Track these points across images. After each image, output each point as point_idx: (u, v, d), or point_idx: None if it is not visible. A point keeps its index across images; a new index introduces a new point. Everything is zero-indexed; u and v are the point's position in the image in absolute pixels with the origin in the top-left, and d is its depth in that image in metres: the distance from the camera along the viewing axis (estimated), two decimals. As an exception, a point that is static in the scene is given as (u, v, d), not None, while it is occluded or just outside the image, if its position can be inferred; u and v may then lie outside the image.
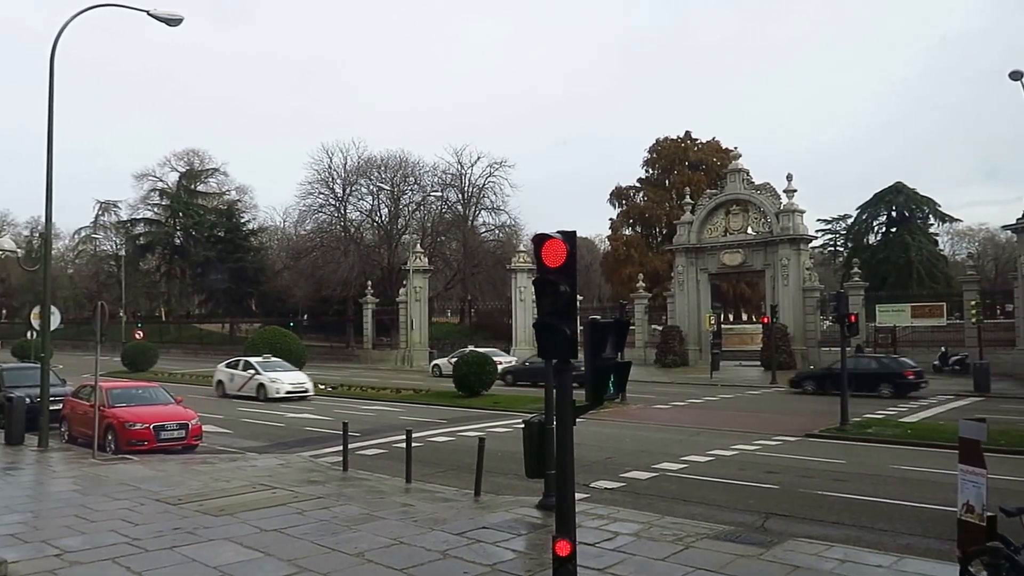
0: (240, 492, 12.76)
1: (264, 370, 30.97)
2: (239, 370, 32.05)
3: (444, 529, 10.43)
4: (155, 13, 17.71)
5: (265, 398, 29.46)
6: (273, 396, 29.41)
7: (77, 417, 19.12)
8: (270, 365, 31.81)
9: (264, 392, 29.80)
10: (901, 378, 29.17)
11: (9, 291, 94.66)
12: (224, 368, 33.34)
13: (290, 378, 30.88)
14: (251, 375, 30.99)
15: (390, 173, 71.15)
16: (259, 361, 32.32)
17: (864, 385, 28.16)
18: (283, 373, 31.21)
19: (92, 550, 9.37)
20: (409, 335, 55.37)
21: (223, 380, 32.62)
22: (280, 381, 30.23)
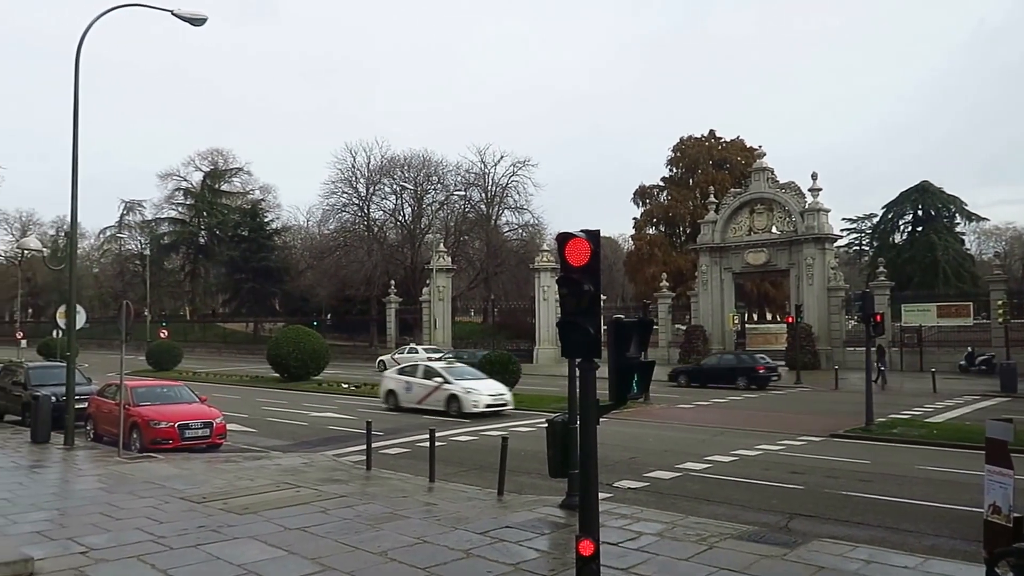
0: (264, 491, 12.82)
1: (454, 378, 25.38)
2: (418, 377, 26.25)
3: (467, 528, 10.41)
4: (179, 13, 17.85)
5: (459, 412, 23.94)
6: (470, 410, 23.93)
7: (102, 416, 19.29)
8: (458, 372, 26.25)
9: (458, 405, 24.21)
10: (754, 372, 33.42)
11: (35, 290, 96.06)
12: (396, 376, 27.62)
13: (487, 388, 25.16)
14: (437, 384, 25.26)
15: (413, 172, 71.42)
16: (445, 367, 26.93)
17: (722, 378, 33.76)
18: (476, 382, 25.62)
19: (117, 548, 9.44)
20: (432, 334, 55.52)
21: (395, 390, 26.68)
22: (477, 392, 24.55)
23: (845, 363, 39.90)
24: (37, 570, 8.36)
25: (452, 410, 24.21)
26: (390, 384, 27.21)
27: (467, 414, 23.66)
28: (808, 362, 39.66)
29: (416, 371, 26.75)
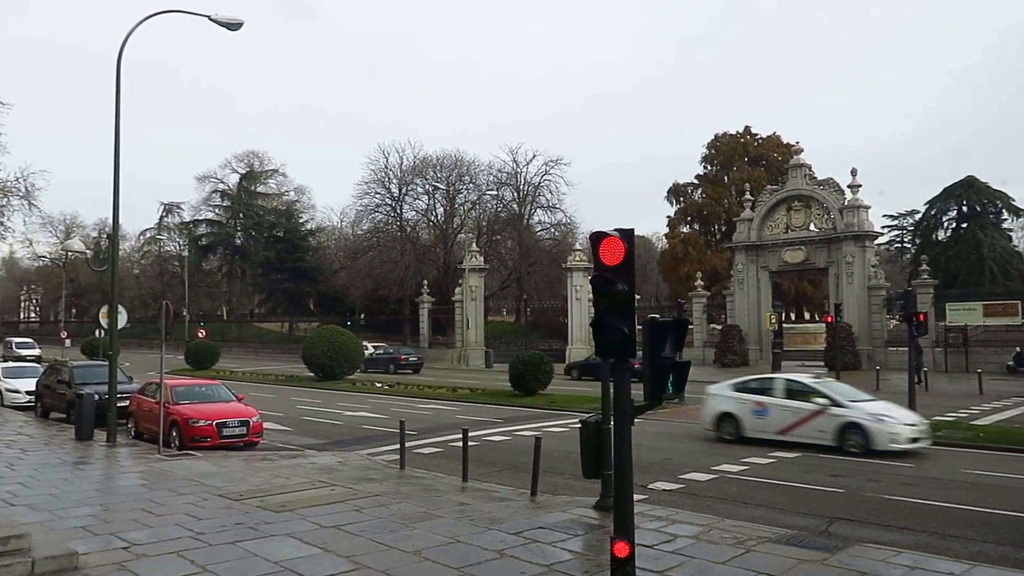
0: (300, 489, 12.93)
1: (846, 398, 17.78)
2: (778, 397, 18.43)
3: (501, 528, 10.39)
4: (216, 18, 18.09)
5: (867, 449, 16.56)
6: (884, 447, 16.50)
7: (143, 414, 19.62)
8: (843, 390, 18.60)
9: (863, 439, 16.70)
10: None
11: (79, 291, 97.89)
12: (733, 393, 19.57)
13: (899, 414, 17.59)
14: (820, 408, 17.47)
15: (445, 172, 71.68)
16: (819, 383, 19.03)
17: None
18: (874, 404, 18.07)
19: (158, 543, 9.57)
20: (465, 334, 55.65)
21: (735, 413, 18.95)
22: (893, 421, 16.96)
23: (887, 363, 39.16)
24: (81, 564, 8.51)
25: (851, 445, 16.80)
26: (726, 405, 19.37)
27: (876, 452, 16.44)
28: (848, 362, 39.00)
29: (773, 388, 18.96)
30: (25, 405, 25.81)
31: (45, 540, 8.94)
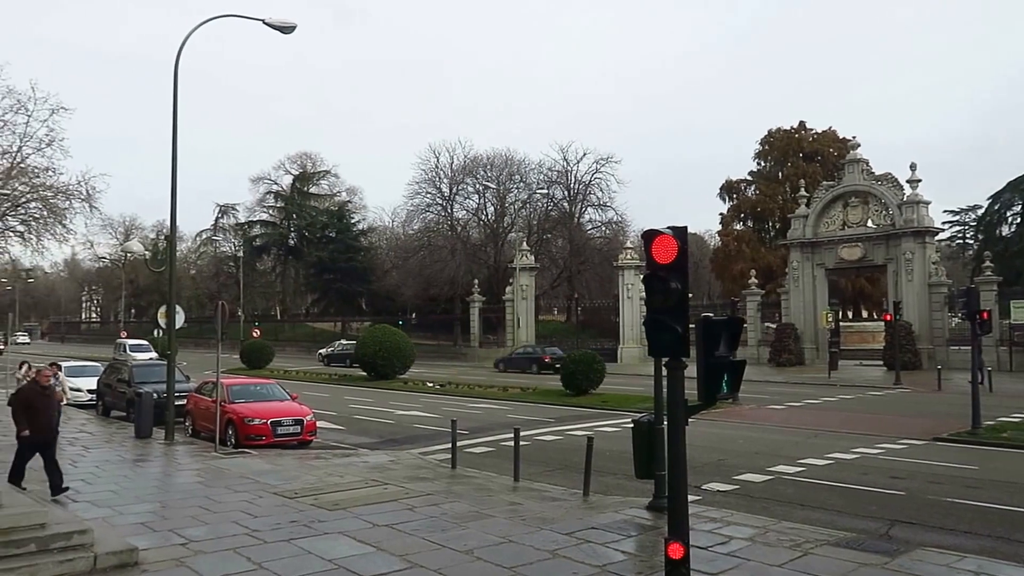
0: (353, 487, 13.04)
1: None
2: None
3: (553, 528, 10.33)
4: (270, 21, 18.39)
5: None
6: None
7: (200, 412, 19.99)
8: None
9: None
10: (542, 361, 44.46)
11: (138, 291, 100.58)
12: None
13: None
14: None
15: (496, 171, 71.75)
16: None
17: (521, 366, 45.16)
18: None
19: (215, 540, 9.74)
20: (516, 333, 55.65)
21: None
22: None
23: (949, 363, 38.03)
24: (141, 560, 8.69)
25: None
26: None
27: None
28: (909, 362, 37.99)
29: None
30: (87, 403, 26.57)
31: (107, 536, 9.16)
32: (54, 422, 12.49)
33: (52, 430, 12.38)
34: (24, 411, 12.08)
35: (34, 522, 8.32)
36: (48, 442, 12.23)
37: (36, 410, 12.06)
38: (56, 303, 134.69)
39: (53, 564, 7.91)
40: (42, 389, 12.39)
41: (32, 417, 12.01)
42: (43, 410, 12.18)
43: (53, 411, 12.50)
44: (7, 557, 7.78)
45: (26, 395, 12.41)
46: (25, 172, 46.69)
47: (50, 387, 12.71)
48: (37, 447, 12.13)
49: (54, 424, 12.49)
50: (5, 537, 7.91)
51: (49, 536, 8.23)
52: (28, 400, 12.21)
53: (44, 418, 12.15)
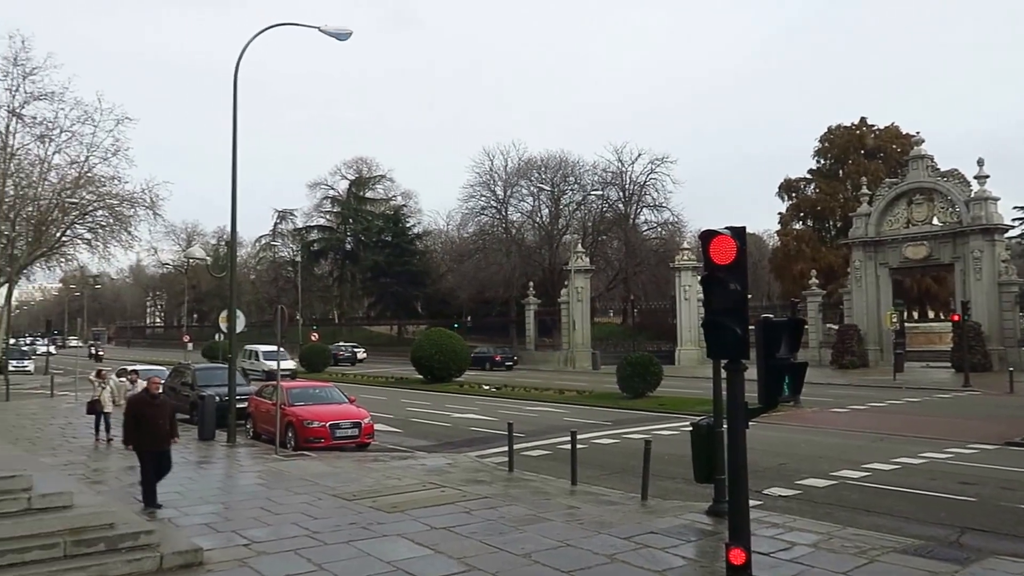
0: (410, 490, 13.11)
1: None
2: None
3: (611, 533, 10.23)
4: (326, 29, 18.65)
5: None
6: None
7: (260, 415, 20.31)
8: None
9: None
10: (493, 359, 52.60)
11: (200, 296, 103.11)
12: None
13: None
14: None
15: (550, 173, 71.67)
16: None
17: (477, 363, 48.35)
18: None
19: (276, 541, 9.89)
20: (571, 336, 55.47)
21: None
22: None
23: (1021, 364, 36.60)
24: (206, 560, 8.86)
25: None
26: None
27: None
28: (978, 363, 36.66)
29: None
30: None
31: (172, 536, 9.38)
32: (163, 432, 11.94)
33: (164, 440, 11.93)
34: (134, 422, 11.74)
35: (103, 522, 8.55)
36: (161, 452, 11.84)
37: (146, 420, 11.67)
38: (122, 308, 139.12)
39: (121, 563, 8.11)
40: (152, 398, 12.06)
41: (143, 427, 11.64)
42: (153, 420, 11.76)
43: (164, 420, 12.00)
44: (79, 556, 8.01)
45: (135, 405, 12.06)
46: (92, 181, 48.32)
47: (160, 396, 12.30)
48: (155, 457, 11.71)
49: (163, 434, 11.94)
50: (77, 536, 8.14)
51: (118, 536, 8.43)
52: (138, 410, 11.85)
53: (154, 428, 11.72)
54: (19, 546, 7.74)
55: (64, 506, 8.64)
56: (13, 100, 45.02)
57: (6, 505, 8.27)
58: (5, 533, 7.85)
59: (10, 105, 44.93)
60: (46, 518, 8.31)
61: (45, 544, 7.88)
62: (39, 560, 7.76)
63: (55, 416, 25.21)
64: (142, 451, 11.65)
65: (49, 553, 7.85)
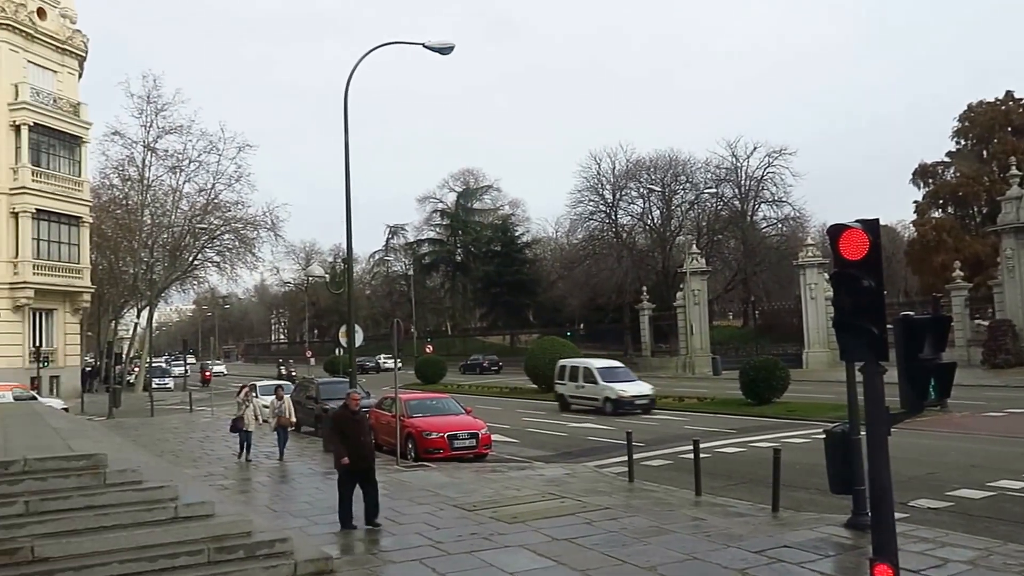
0: (530, 500, 13.01)
1: None
2: None
3: (740, 546, 9.79)
4: (430, 44, 18.94)
5: None
6: None
7: (380, 427, 20.53)
8: None
9: None
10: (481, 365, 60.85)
11: (319, 312, 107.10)
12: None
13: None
14: None
15: (660, 174, 70.42)
16: None
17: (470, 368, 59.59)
18: None
19: (401, 551, 9.98)
20: (689, 340, 54.21)
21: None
22: None
23: None
24: (336, 568, 9.03)
25: None
26: None
27: None
28: None
29: None
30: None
31: (304, 544, 9.60)
32: (366, 449, 11.45)
33: (365, 457, 11.36)
34: (340, 438, 11.29)
35: (242, 530, 8.90)
36: (364, 470, 11.30)
37: (346, 436, 11.22)
38: (249, 326, 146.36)
39: (259, 570, 8.42)
40: (352, 414, 11.53)
41: (344, 444, 11.20)
42: (354, 436, 11.24)
43: (365, 436, 11.53)
44: (221, 562, 8.38)
45: (336, 421, 11.56)
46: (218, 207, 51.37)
47: (360, 411, 11.76)
48: (355, 476, 11.23)
49: (365, 451, 11.42)
50: (219, 543, 8.52)
51: (255, 543, 8.75)
52: (338, 426, 11.40)
53: (355, 444, 11.20)
54: (170, 552, 8.20)
55: (207, 515, 9.05)
56: (147, 135, 48.46)
57: (157, 513, 8.77)
58: (157, 540, 8.32)
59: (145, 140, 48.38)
60: (191, 526, 8.74)
61: (192, 550, 8.30)
62: (187, 565, 8.18)
63: (194, 430, 26.58)
64: (342, 469, 11.20)
65: (195, 559, 8.27)
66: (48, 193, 38.79)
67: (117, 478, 9.14)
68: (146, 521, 8.60)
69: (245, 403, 19.28)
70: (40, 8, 40.24)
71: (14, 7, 38.37)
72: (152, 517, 8.70)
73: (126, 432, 25.21)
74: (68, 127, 40.64)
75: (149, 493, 9.08)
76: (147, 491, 9.10)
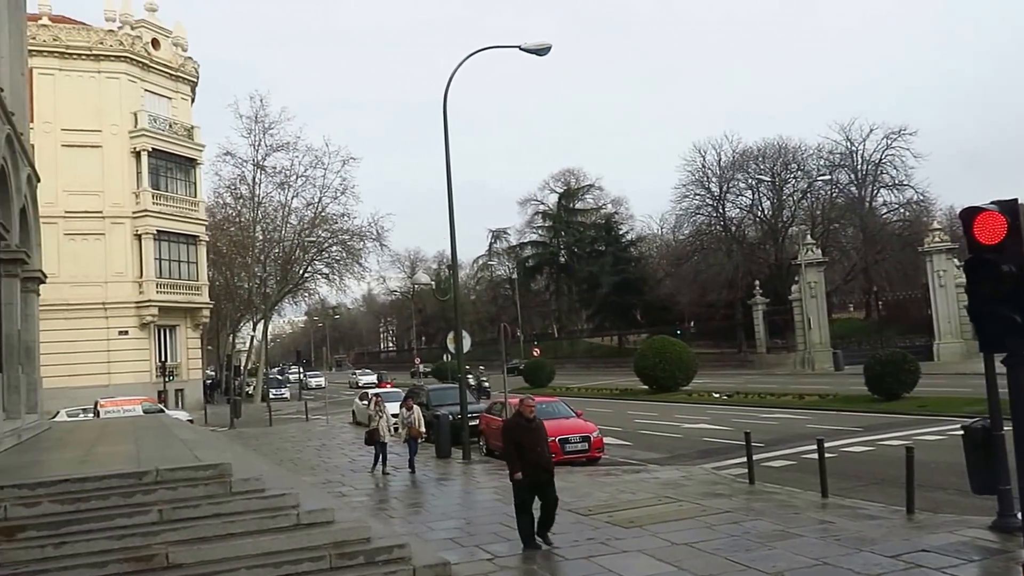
0: (646, 504, 12.75)
1: None
2: None
3: (873, 550, 9.26)
4: (526, 47, 18.93)
5: None
6: None
7: (491, 432, 20.72)
8: None
9: None
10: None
11: (426, 319, 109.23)
12: None
13: None
14: None
15: (768, 163, 68.27)
16: None
17: None
18: None
19: (516, 556, 9.93)
20: (807, 335, 52.22)
21: None
22: None
23: None
24: (454, 573, 9.05)
25: None
26: None
27: None
28: None
29: None
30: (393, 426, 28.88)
31: (421, 550, 9.68)
32: (544, 460, 10.38)
33: (543, 470, 10.31)
34: (516, 449, 10.29)
35: (361, 536, 9.04)
36: (541, 483, 10.28)
37: (521, 447, 10.24)
38: (358, 335, 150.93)
39: (379, 575, 8.52)
40: (526, 422, 10.47)
41: (519, 455, 10.23)
42: (530, 447, 10.22)
43: (542, 447, 10.45)
44: (342, 568, 8.55)
45: (512, 431, 10.55)
46: (326, 220, 53.08)
47: (536, 419, 10.69)
48: (533, 490, 10.26)
49: (543, 462, 10.35)
50: (339, 549, 8.69)
51: (374, 549, 8.87)
52: (511, 436, 10.46)
53: (531, 455, 10.17)
54: (294, 558, 8.39)
55: (327, 521, 9.23)
56: (256, 154, 50.61)
57: (280, 520, 9.00)
58: (281, 546, 8.55)
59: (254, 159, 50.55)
60: (313, 532, 8.92)
61: (314, 556, 8.48)
62: (310, 572, 8.36)
63: (311, 439, 27.47)
64: (517, 483, 10.23)
65: (317, 565, 8.44)
66: (167, 214, 41.25)
67: (242, 487, 9.42)
68: (270, 528, 8.84)
69: (378, 413, 18.43)
70: (154, 39, 43.00)
71: (131, 40, 41.09)
72: (275, 524, 8.93)
73: (247, 442, 26.31)
74: (183, 150, 43.16)
75: (272, 501, 9.32)
76: (270, 499, 9.35)
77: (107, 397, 30.64)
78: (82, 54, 39.70)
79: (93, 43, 40.01)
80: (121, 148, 40.17)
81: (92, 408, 28.97)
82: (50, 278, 21.94)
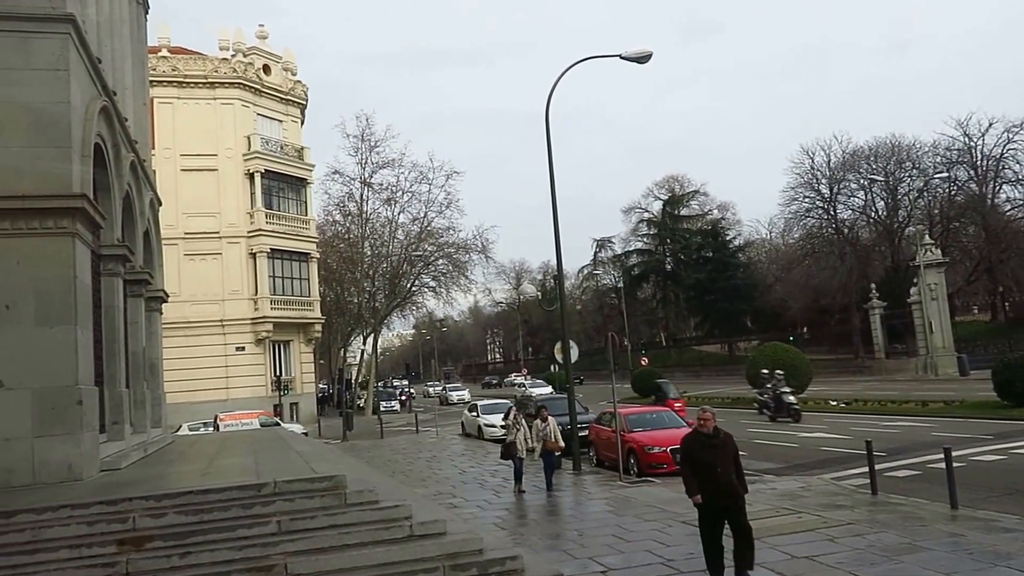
0: (764, 516, 12.34)
1: None
2: None
3: (1010, 565, 8.74)
4: (626, 55, 18.82)
5: None
6: None
7: (601, 442, 20.61)
8: None
9: None
10: None
11: (532, 330, 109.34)
12: None
13: None
14: None
15: (881, 162, 65.40)
16: None
17: None
18: None
19: (631, 569, 9.80)
20: (929, 339, 49.53)
21: None
22: None
23: None
24: (567, 586, 9.05)
25: None
26: None
27: None
28: None
29: None
30: (501, 438, 29.03)
31: (534, 562, 9.68)
32: (723, 482, 8.83)
33: (724, 493, 8.85)
34: (691, 468, 9.10)
35: (473, 548, 9.11)
36: (725, 508, 8.90)
37: (697, 465, 9.00)
38: (465, 347, 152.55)
39: (494, 586, 8.60)
40: (705, 437, 9.10)
41: (699, 476, 8.98)
42: (708, 466, 8.89)
43: (725, 466, 8.92)
44: (456, 579, 8.63)
45: (686, 447, 9.33)
46: (431, 234, 54.01)
47: (719, 434, 9.18)
48: (717, 514, 8.99)
49: (724, 483, 8.84)
50: (452, 561, 8.77)
51: (487, 561, 8.92)
52: (688, 454, 9.24)
53: (709, 476, 8.85)
54: (407, 569, 8.52)
55: (439, 533, 9.33)
56: (364, 172, 52.10)
57: (393, 532, 9.15)
58: (395, 557, 8.69)
59: (362, 176, 52.02)
60: (426, 544, 9.03)
61: (427, 568, 8.58)
62: (423, 583, 8.47)
63: (421, 451, 27.92)
64: (701, 507, 9.07)
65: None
66: (280, 233, 43.08)
67: (356, 498, 9.62)
68: (384, 539, 8.98)
69: (516, 426, 17.16)
70: (265, 64, 45.20)
71: (244, 67, 43.30)
72: (389, 535, 9.07)
73: (359, 454, 26.96)
74: (294, 171, 45.01)
75: (385, 512, 9.48)
76: (383, 510, 9.51)
77: (226, 411, 32.06)
78: (198, 82, 42.14)
79: (208, 71, 42.38)
80: (236, 170, 42.30)
81: (212, 422, 30.34)
82: (171, 297, 23.18)
